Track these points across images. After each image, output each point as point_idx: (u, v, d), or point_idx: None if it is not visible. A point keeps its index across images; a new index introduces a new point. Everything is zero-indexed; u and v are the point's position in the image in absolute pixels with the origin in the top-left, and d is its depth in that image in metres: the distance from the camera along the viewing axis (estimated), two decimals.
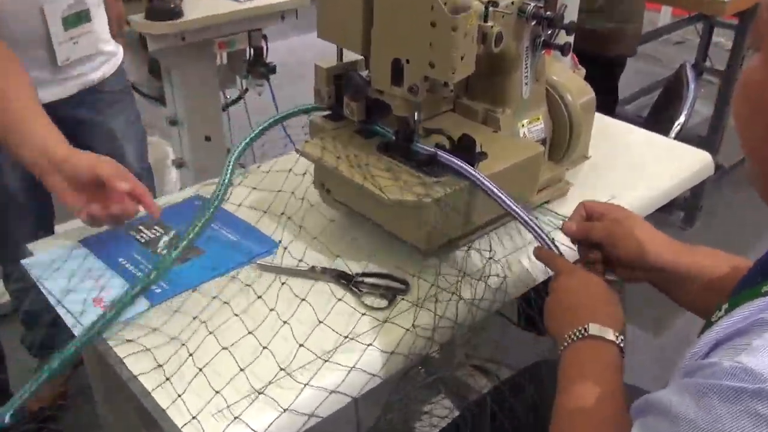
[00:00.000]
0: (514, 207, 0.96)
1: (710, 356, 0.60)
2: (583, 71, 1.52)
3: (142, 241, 1.10)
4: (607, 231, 0.93)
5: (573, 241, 0.99)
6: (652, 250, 0.91)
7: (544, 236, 0.96)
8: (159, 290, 0.99)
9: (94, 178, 1.01)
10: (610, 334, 0.80)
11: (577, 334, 0.80)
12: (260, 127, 1.08)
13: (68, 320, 0.94)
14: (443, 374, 1.66)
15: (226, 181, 1.00)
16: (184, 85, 2.21)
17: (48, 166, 1.02)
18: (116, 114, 1.59)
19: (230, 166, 1.02)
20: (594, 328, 0.80)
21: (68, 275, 1.02)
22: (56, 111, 1.22)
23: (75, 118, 1.52)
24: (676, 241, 0.94)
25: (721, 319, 0.62)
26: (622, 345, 0.80)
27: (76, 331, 0.92)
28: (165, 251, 1.07)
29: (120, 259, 1.05)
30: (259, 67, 2.35)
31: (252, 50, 2.33)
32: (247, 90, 2.53)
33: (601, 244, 0.94)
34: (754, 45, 0.63)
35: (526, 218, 0.97)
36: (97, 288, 0.99)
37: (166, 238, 1.10)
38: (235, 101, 2.67)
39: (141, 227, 1.13)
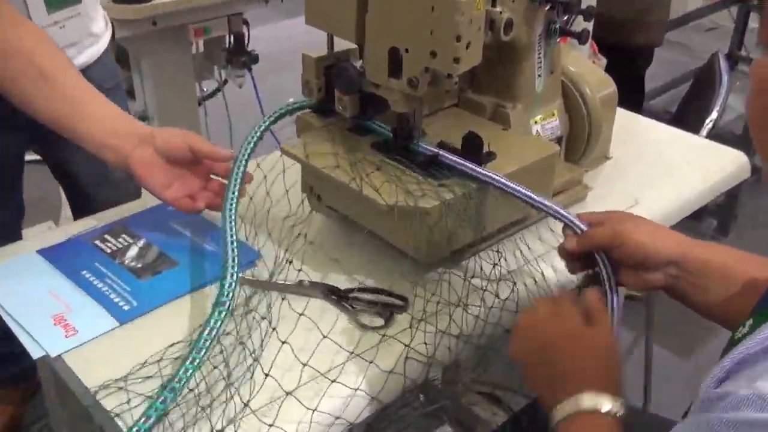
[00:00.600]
0: (538, 199, 0.96)
1: (727, 382, 0.61)
2: (604, 61, 1.53)
3: (108, 251, 1.10)
4: (611, 231, 0.92)
5: (568, 264, 0.97)
6: (659, 241, 0.91)
7: (577, 223, 0.95)
8: (127, 307, 0.99)
9: (186, 151, 1.07)
10: (608, 404, 0.77)
11: (567, 408, 0.77)
12: (263, 126, 1.12)
13: (24, 339, 0.95)
14: (447, 402, 1.66)
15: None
16: (155, 76, 2.21)
17: (135, 142, 1.07)
18: None
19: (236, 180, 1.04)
20: (587, 400, 0.77)
21: (24, 289, 1.02)
22: None
23: None
24: (690, 237, 0.94)
25: (745, 338, 0.63)
26: (620, 414, 0.77)
27: (32, 351, 0.93)
28: (134, 263, 1.07)
29: (83, 272, 1.05)
30: (240, 56, 2.36)
31: (232, 37, 2.33)
32: (226, 82, 2.54)
33: (605, 249, 0.93)
34: (765, 40, 0.63)
35: (557, 208, 0.96)
36: (56, 304, 0.99)
37: (135, 248, 1.10)
38: (212, 94, 2.68)
39: (107, 236, 1.13)
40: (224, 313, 0.90)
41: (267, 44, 2.90)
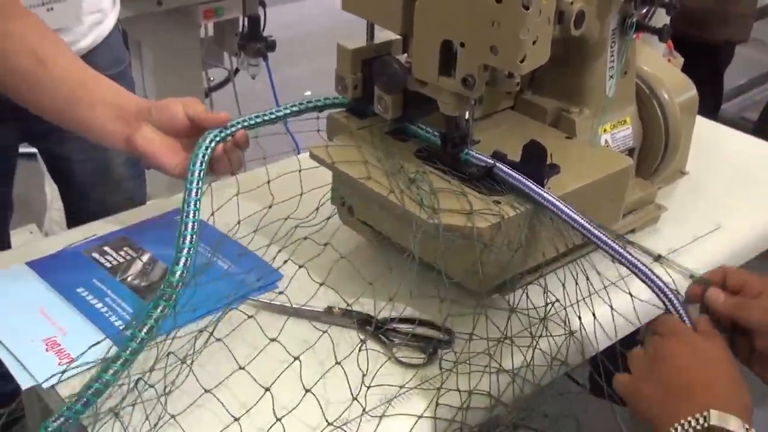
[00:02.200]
0: (611, 242, 0.94)
1: None
2: (681, 60, 1.52)
3: (108, 265, 1.10)
4: None
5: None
6: None
7: (654, 279, 0.92)
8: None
9: (186, 121, 1.10)
10: (736, 424, 0.77)
11: (694, 424, 0.77)
12: (282, 112, 1.15)
13: (10, 365, 0.94)
14: None
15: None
16: (157, 62, 2.23)
17: (136, 122, 1.09)
18: None
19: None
20: (715, 417, 0.77)
21: (10, 307, 1.02)
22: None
23: None
24: None
25: None
26: None
27: (21, 380, 0.92)
28: (137, 281, 1.07)
29: (78, 289, 1.05)
30: (255, 43, 2.36)
31: (246, 20, 2.34)
32: (237, 71, 2.55)
33: (753, 331, 0.88)
34: None
35: (633, 260, 0.93)
36: (48, 326, 0.99)
37: (139, 264, 1.10)
38: (221, 85, 2.69)
39: (106, 248, 1.13)
40: (168, 309, 0.89)
41: (284, 29, 2.91)
